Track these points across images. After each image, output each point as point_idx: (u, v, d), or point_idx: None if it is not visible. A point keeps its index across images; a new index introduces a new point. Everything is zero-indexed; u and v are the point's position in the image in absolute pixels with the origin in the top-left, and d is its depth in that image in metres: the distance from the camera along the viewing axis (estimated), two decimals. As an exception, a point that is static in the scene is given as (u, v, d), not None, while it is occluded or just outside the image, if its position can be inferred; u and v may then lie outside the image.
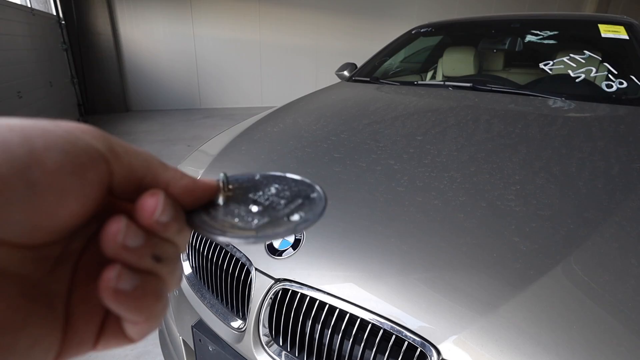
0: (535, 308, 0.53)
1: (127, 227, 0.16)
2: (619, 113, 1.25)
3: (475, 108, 1.33)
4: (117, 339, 0.18)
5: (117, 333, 0.18)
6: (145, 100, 6.43)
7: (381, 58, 2.21)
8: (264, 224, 0.19)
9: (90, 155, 0.15)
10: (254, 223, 0.19)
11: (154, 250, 0.17)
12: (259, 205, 0.21)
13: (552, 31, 1.83)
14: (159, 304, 0.17)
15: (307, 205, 0.21)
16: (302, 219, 0.20)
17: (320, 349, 0.65)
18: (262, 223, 0.19)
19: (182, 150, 3.87)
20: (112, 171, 0.16)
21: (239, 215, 0.20)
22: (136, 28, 6.03)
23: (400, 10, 7.16)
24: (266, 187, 0.22)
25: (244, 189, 0.22)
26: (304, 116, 1.41)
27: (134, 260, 0.16)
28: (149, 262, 0.17)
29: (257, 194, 0.22)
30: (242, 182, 0.22)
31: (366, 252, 0.66)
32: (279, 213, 0.20)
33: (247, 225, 0.19)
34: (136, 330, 0.17)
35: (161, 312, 0.18)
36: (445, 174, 0.86)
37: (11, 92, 3.08)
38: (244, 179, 0.23)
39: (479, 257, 0.62)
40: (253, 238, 0.19)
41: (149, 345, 1.46)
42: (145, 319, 0.17)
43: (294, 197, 0.21)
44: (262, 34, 6.72)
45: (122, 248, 0.16)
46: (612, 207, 0.73)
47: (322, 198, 0.21)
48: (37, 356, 0.14)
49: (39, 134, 0.14)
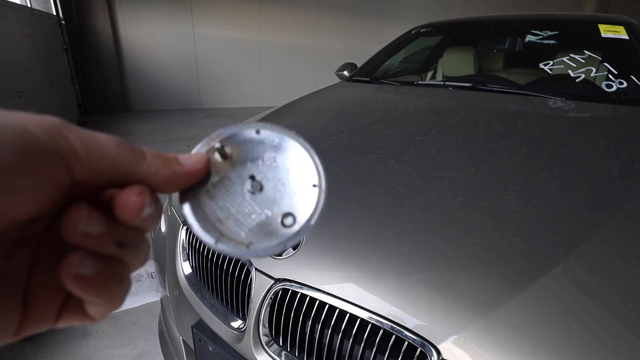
0: (535, 308, 0.53)
1: (87, 216, 0.16)
2: (619, 113, 1.25)
3: (475, 108, 1.33)
4: (78, 316, 0.18)
5: (79, 312, 0.18)
6: (146, 100, 6.43)
7: (381, 58, 2.21)
8: (256, 234, 0.19)
9: (47, 156, 0.14)
10: (245, 229, 0.19)
11: (117, 237, 0.17)
12: (254, 193, 0.19)
13: (552, 31, 1.83)
14: (121, 288, 0.17)
15: (304, 203, 0.19)
16: (294, 233, 0.19)
17: (320, 348, 0.65)
18: (254, 232, 0.19)
19: (183, 151, 3.83)
20: (73, 172, 0.15)
21: (230, 211, 0.19)
22: (136, 28, 6.03)
23: (400, 10, 7.17)
24: (266, 155, 0.20)
25: (242, 157, 0.20)
26: (304, 116, 1.41)
27: (95, 247, 0.16)
28: (111, 248, 0.17)
29: (255, 165, 0.20)
30: (240, 144, 0.20)
31: (366, 252, 0.66)
32: (274, 212, 0.19)
33: (239, 231, 0.19)
34: (97, 311, 0.18)
35: (122, 295, 0.18)
36: (445, 174, 0.86)
37: (11, 92, 3.08)
38: (242, 139, 0.20)
39: (479, 257, 0.62)
40: (244, 252, 0.18)
41: (149, 345, 1.46)
42: (106, 301, 0.17)
43: (294, 184, 0.20)
44: (262, 34, 6.72)
45: (83, 235, 0.15)
46: (612, 207, 0.72)
47: (320, 200, 0.19)
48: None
49: None
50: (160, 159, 0.18)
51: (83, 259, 0.16)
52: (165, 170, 0.18)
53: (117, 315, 1.62)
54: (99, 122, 5.26)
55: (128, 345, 1.46)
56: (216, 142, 0.20)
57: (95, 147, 0.16)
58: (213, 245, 0.18)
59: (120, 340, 1.48)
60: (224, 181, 0.20)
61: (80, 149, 0.15)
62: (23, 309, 0.16)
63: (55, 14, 5.01)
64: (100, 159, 0.16)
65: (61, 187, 0.15)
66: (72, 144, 0.15)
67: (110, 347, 1.44)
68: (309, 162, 0.20)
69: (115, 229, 0.17)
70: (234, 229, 0.19)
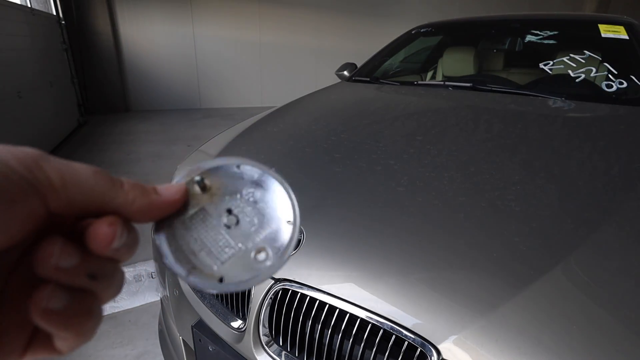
0: (535, 308, 0.53)
1: (61, 250, 0.15)
2: (619, 113, 1.25)
3: (475, 108, 1.33)
4: (45, 350, 0.17)
5: (46, 345, 0.17)
6: (145, 100, 6.43)
7: (381, 58, 2.21)
8: (229, 267, 0.19)
9: (20, 190, 0.14)
10: (218, 262, 0.19)
11: (90, 269, 0.16)
12: (229, 227, 0.20)
13: (552, 31, 1.83)
14: (91, 320, 0.17)
15: (278, 239, 0.20)
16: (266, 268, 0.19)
17: (320, 348, 0.65)
18: (227, 265, 0.19)
19: (182, 150, 3.87)
20: (47, 203, 0.15)
21: (205, 244, 0.19)
22: (136, 28, 6.03)
23: (400, 10, 7.17)
24: (244, 189, 0.21)
25: (220, 191, 0.20)
26: (304, 116, 1.41)
27: (67, 280, 0.16)
28: (83, 281, 0.16)
29: (233, 198, 0.20)
30: (220, 178, 0.21)
31: (366, 251, 0.66)
32: (248, 246, 0.19)
33: (211, 264, 0.19)
34: (66, 345, 0.17)
35: (93, 328, 0.17)
36: (445, 173, 0.86)
37: (11, 92, 3.08)
38: (222, 172, 0.21)
39: (479, 257, 0.62)
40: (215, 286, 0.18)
41: (149, 345, 1.46)
42: (75, 335, 0.16)
43: (269, 220, 0.20)
44: (262, 34, 6.72)
45: (55, 269, 0.15)
46: (612, 207, 0.73)
47: (294, 237, 0.20)
48: None
49: None
50: (138, 189, 0.18)
51: (53, 293, 0.15)
52: (142, 200, 0.18)
53: (117, 315, 1.62)
54: (99, 122, 5.26)
55: (128, 345, 1.46)
56: (196, 174, 0.20)
57: (71, 177, 0.16)
58: (184, 278, 0.19)
59: (120, 340, 1.48)
60: (201, 213, 0.20)
61: (56, 180, 0.15)
62: None
63: (55, 14, 5.01)
64: (76, 189, 0.16)
65: (34, 218, 0.15)
66: (48, 175, 0.15)
67: (110, 347, 1.44)
68: (286, 198, 0.21)
69: (88, 260, 0.16)
70: (206, 262, 0.19)
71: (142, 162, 3.50)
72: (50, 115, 3.92)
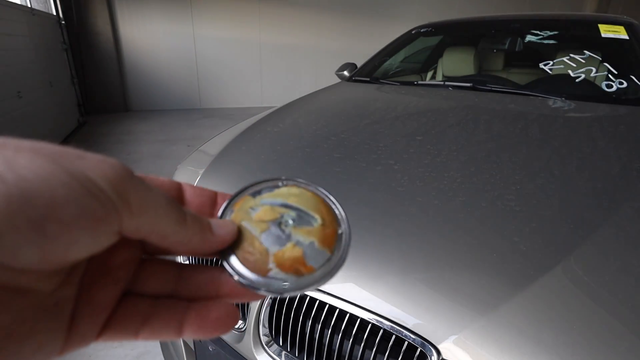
0: (535, 308, 0.53)
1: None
2: (619, 113, 1.25)
3: (475, 108, 1.33)
4: (120, 334, 0.18)
5: (124, 328, 0.18)
6: (145, 100, 6.43)
7: (381, 58, 2.21)
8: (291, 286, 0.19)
9: (105, 210, 0.15)
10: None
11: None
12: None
13: (552, 31, 1.83)
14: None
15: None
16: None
17: (320, 349, 0.65)
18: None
19: (182, 150, 3.87)
20: (122, 225, 0.16)
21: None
22: (136, 28, 6.03)
23: (400, 10, 7.16)
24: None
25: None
26: (304, 116, 1.41)
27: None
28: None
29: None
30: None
31: (366, 251, 0.66)
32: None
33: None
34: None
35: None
36: (445, 173, 0.86)
37: (11, 92, 3.08)
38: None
39: (479, 257, 0.62)
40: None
41: (149, 345, 1.46)
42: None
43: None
44: (262, 34, 6.72)
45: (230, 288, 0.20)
46: (612, 207, 0.73)
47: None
48: (41, 357, 0.15)
49: (61, 182, 0.13)
50: (197, 225, 0.18)
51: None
52: (197, 238, 0.18)
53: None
54: (99, 122, 5.26)
55: (128, 345, 1.46)
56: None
57: (149, 205, 0.16)
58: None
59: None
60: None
61: (135, 205, 0.16)
62: (68, 331, 0.16)
63: (55, 14, 5.01)
64: (147, 219, 0.16)
65: (113, 236, 0.16)
66: (130, 199, 0.15)
67: (110, 347, 1.44)
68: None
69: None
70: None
71: (142, 162, 3.50)
72: (50, 115, 3.92)
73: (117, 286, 0.18)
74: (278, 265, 0.19)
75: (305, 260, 0.19)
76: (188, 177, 1.07)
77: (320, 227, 0.21)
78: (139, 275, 0.19)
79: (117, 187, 0.15)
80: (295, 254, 0.19)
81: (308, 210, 0.21)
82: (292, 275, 0.19)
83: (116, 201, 0.15)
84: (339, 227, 0.22)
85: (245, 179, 0.96)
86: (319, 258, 0.20)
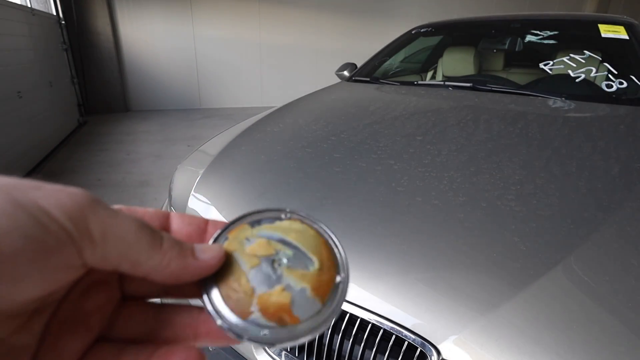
0: (536, 308, 0.53)
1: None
2: (619, 113, 1.25)
3: (475, 108, 1.33)
4: None
5: None
6: (145, 100, 6.43)
7: (381, 58, 2.21)
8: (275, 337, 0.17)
9: (56, 241, 0.13)
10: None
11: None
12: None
13: (552, 31, 1.83)
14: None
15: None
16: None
17: (320, 348, 0.65)
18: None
19: (182, 150, 3.87)
20: (83, 256, 0.14)
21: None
22: (136, 28, 6.03)
23: (400, 10, 7.16)
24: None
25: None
26: (304, 116, 1.41)
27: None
28: None
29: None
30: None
31: (366, 252, 0.66)
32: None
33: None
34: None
35: None
36: (445, 174, 0.86)
37: (11, 92, 3.08)
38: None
39: (479, 257, 0.62)
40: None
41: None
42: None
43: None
44: (262, 34, 6.72)
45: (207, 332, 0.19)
46: (612, 207, 0.73)
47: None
48: None
49: (5, 213, 0.13)
50: (175, 249, 0.17)
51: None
52: (177, 263, 0.17)
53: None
54: (99, 122, 5.26)
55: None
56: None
57: (113, 232, 0.15)
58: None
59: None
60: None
61: (96, 234, 0.15)
62: None
63: (55, 14, 5.01)
64: (114, 246, 0.15)
65: (71, 270, 0.14)
66: (90, 228, 0.15)
67: None
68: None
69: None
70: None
71: (142, 162, 3.50)
72: (50, 115, 3.92)
73: (90, 334, 0.17)
74: (261, 310, 0.17)
75: (291, 309, 0.17)
76: (188, 177, 1.07)
77: (316, 272, 0.19)
78: (115, 318, 0.18)
79: (74, 215, 0.14)
80: (282, 300, 0.17)
81: (306, 251, 0.19)
82: (273, 323, 0.17)
83: (72, 231, 0.14)
84: (337, 275, 0.19)
85: (245, 179, 0.96)
86: (308, 308, 0.18)
